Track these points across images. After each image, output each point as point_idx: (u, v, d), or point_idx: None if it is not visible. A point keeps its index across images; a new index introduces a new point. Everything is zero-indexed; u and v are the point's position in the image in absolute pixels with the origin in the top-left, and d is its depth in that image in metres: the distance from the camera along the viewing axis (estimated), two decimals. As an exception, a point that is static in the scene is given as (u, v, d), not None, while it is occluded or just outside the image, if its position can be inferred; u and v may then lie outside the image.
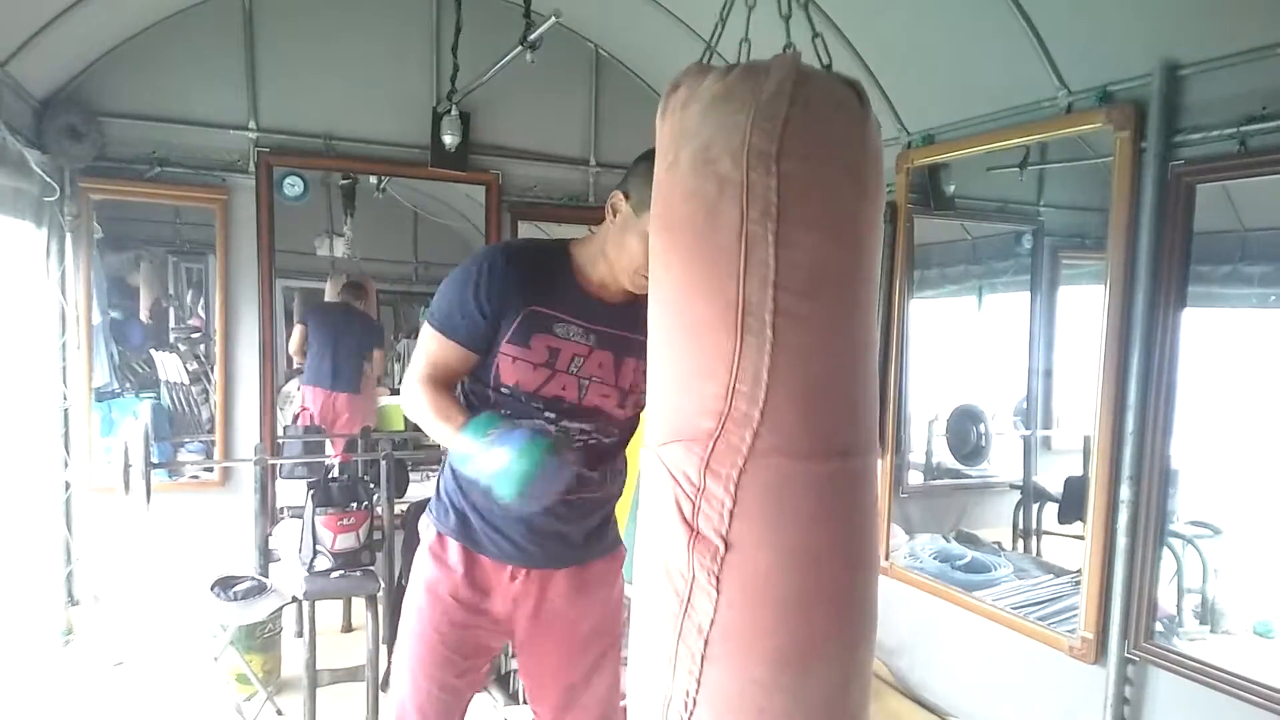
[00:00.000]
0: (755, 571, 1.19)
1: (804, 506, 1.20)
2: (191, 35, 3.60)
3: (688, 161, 1.21)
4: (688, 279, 1.22)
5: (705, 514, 1.19)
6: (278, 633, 3.18)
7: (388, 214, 4.43)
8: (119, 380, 3.93)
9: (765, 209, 1.15)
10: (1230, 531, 2.91)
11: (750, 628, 1.20)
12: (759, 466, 1.18)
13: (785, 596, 1.20)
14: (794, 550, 1.20)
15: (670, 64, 4.08)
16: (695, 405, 1.20)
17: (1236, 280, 2.83)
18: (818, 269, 1.19)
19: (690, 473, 1.20)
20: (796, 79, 1.18)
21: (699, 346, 1.21)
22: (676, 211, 1.24)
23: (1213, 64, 2.16)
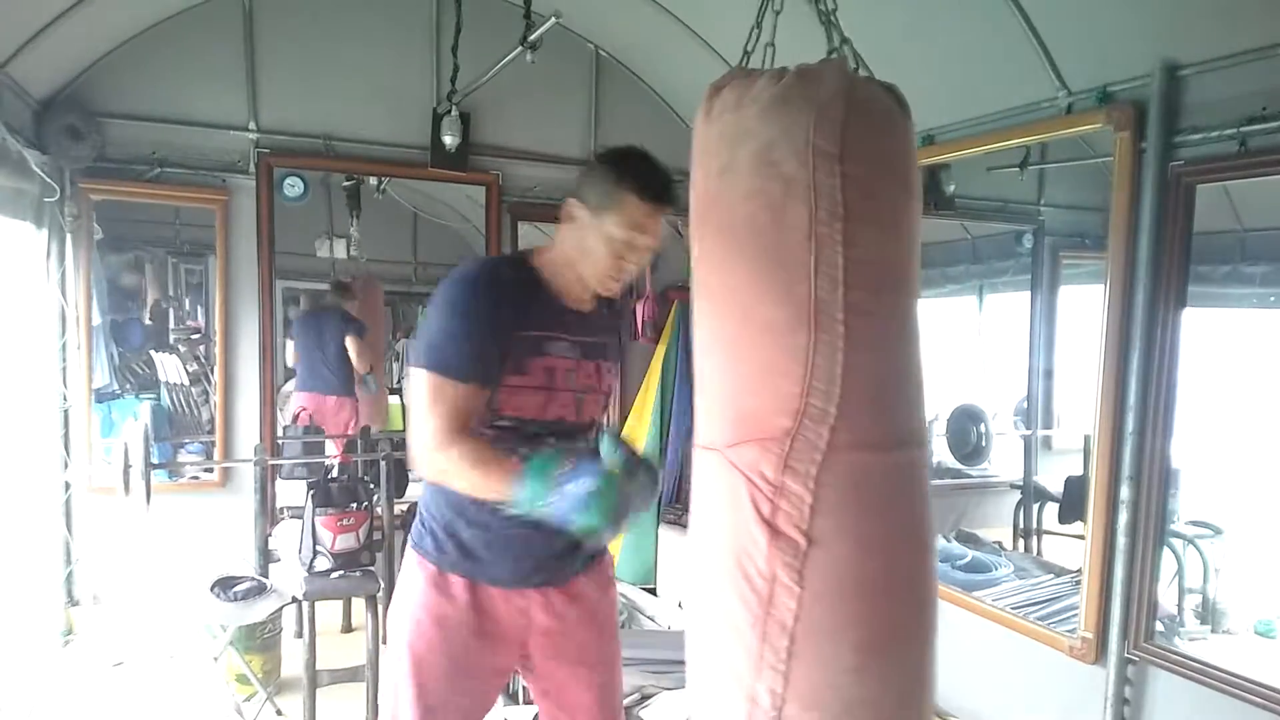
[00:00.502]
0: (838, 564, 1.21)
1: (878, 497, 1.24)
2: (191, 35, 3.60)
3: (747, 162, 1.22)
4: (753, 280, 1.23)
5: (785, 512, 1.21)
6: (278, 633, 3.18)
7: (388, 215, 4.43)
8: (119, 381, 3.93)
9: (833, 209, 1.19)
10: (1231, 531, 2.91)
11: (836, 620, 1.22)
12: (836, 461, 1.20)
13: (868, 586, 1.23)
14: (872, 540, 1.23)
15: (670, 64, 4.11)
16: (769, 405, 1.22)
17: (1236, 280, 2.83)
18: (879, 266, 1.23)
19: (767, 472, 1.21)
20: (851, 83, 1.23)
21: (770, 346, 1.22)
22: (737, 212, 1.24)
23: (1213, 64, 2.16)
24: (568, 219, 1.58)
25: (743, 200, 1.23)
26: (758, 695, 1.23)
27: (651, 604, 3.74)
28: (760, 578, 1.22)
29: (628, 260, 1.57)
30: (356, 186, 4.26)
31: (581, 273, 1.59)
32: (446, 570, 1.64)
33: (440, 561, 1.64)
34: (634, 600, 3.77)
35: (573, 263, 1.59)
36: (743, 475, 1.23)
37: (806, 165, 1.18)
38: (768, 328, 1.23)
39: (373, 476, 3.33)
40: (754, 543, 1.22)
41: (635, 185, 1.52)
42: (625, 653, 3.00)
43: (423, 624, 1.64)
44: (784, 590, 1.21)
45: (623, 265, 1.57)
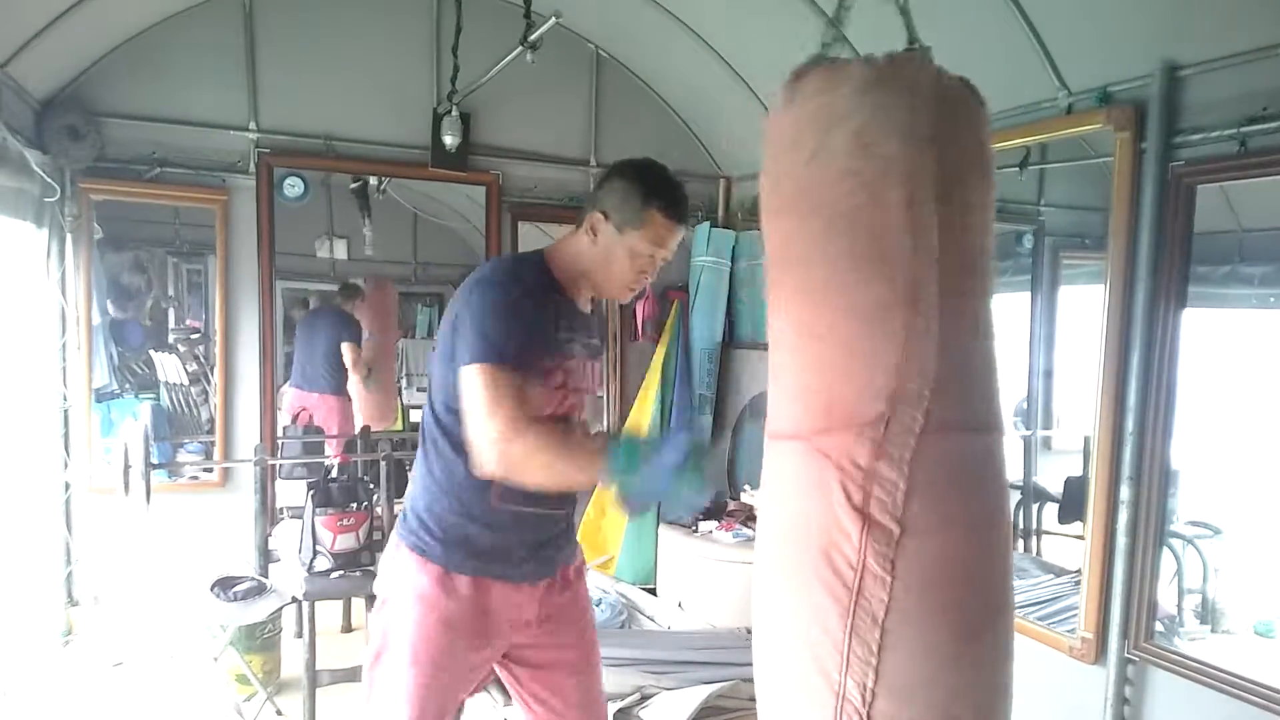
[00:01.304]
0: (930, 551, 1.19)
1: (968, 482, 1.24)
2: (191, 35, 3.61)
3: (842, 144, 1.20)
4: (848, 263, 1.20)
5: (878, 499, 1.18)
6: (277, 633, 3.18)
7: (388, 215, 4.43)
8: (119, 381, 3.93)
9: (929, 191, 1.18)
10: (1230, 531, 2.91)
11: (928, 608, 1.20)
12: (929, 445, 1.18)
13: (959, 572, 1.22)
14: (962, 525, 1.23)
15: (670, 64, 4.11)
16: (860, 389, 1.19)
17: (1235, 281, 2.83)
18: (967, 250, 1.23)
19: (859, 459, 1.18)
20: (939, 72, 1.25)
21: (862, 329, 1.20)
22: (829, 196, 1.21)
23: (1213, 64, 2.16)
24: (590, 231, 1.63)
25: (836, 182, 1.20)
26: (847, 690, 1.20)
27: (651, 604, 3.74)
28: (850, 568, 1.19)
29: (648, 272, 1.65)
30: (364, 187, 4.26)
31: (600, 281, 1.65)
32: (453, 570, 1.64)
33: (447, 562, 1.64)
34: (634, 600, 3.77)
35: (591, 271, 1.64)
36: (831, 463, 1.20)
37: (906, 146, 1.18)
38: (860, 311, 1.20)
39: (372, 476, 3.33)
40: (843, 532, 1.19)
41: (662, 204, 1.58)
42: (625, 653, 3.02)
43: (427, 625, 1.63)
44: (874, 580, 1.18)
45: (643, 278, 1.65)
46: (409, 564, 1.67)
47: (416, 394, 4.81)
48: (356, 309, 4.48)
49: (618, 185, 1.61)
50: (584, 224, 1.64)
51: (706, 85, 3.94)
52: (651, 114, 4.27)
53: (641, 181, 1.60)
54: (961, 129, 1.25)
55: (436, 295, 4.91)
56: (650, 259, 1.62)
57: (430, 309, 4.91)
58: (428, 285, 4.89)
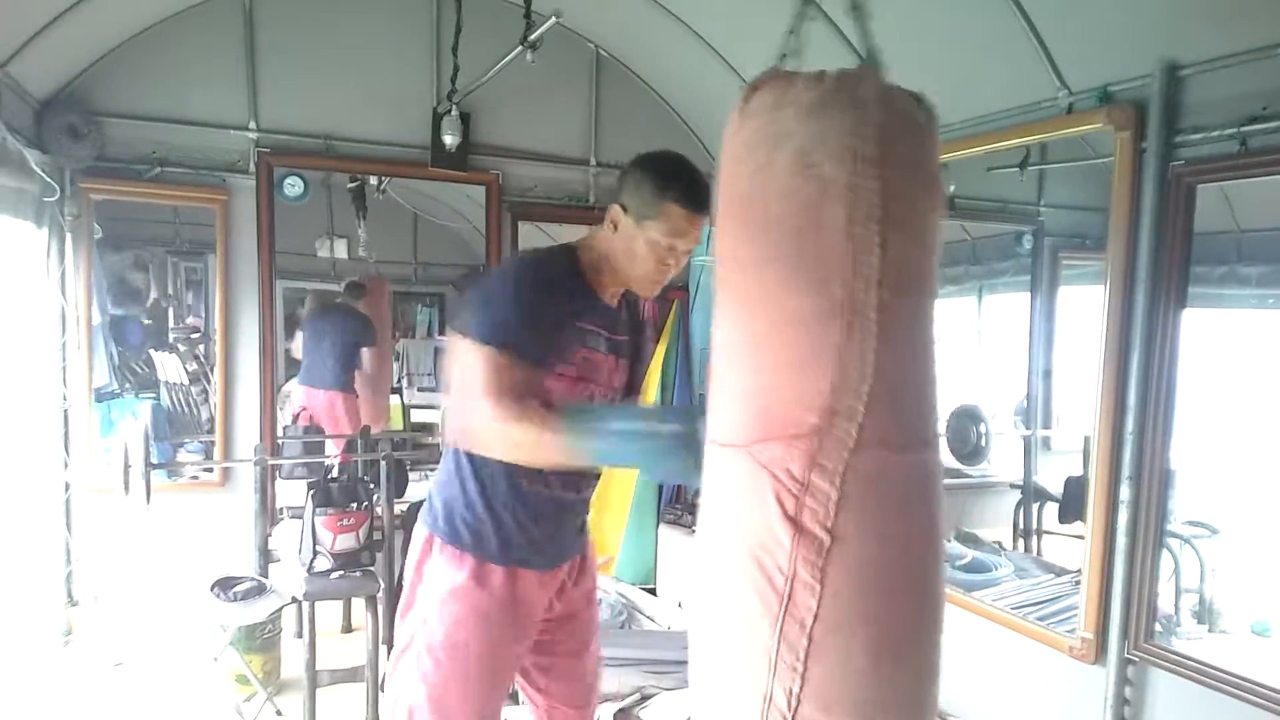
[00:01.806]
0: (858, 562, 1.21)
1: (899, 496, 1.25)
2: (191, 35, 3.60)
3: (785, 163, 1.22)
4: (786, 276, 1.23)
5: (810, 509, 1.20)
6: (277, 633, 3.18)
7: (388, 215, 4.43)
8: (118, 381, 3.93)
9: (870, 211, 1.20)
10: (1227, 531, 2.91)
11: (853, 618, 1.22)
12: (862, 459, 1.20)
13: (885, 585, 1.24)
14: (891, 539, 1.24)
15: (670, 64, 4.11)
16: (797, 401, 1.21)
17: (1234, 281, 2.83)
18: (908, 269, 1.25)
19: (794, 469, 1.20)
20: (887, 90, 1.26)
21: (801, 343, 1.22)
22: (771, 211, 1.24)
23: (1213, 64, 2.16)
24: (610, 225, 1.62)
25: (778, 199, 1.23)
26: (773, 695, 1.23)
27: (651, 604, 3.74)
28: (780, 575, 1.21)
29: (671, 265, 1.63)
30: (361, 187, 4.26)
31: (625, 275, 1.65)
32: (487, 561, 1.65)
33: (481, 553, 1.65)
34: (634, 600, 3.77)
35: (616, 265, 1.64)
36: (767, 472, 1.22)
37: (845, 167, 1.20)
38: (799, 324, 1.23)
39: (373, 476, 3.33)
40: (776, 540, 1.21)
41: (678, 194, 1.57)
42: (625, 653, 3.02)
43: (462, 616, 1.64)
44: (804, 588, 1.21)
45: (666, 270, 1.63)
46: (442, 557, 1.67)
47: (417, 394, 4.81)
48: (361, 308, 4.50)
49: (635, 177, 1.61)
50: (606, 217, 1.64)
51: (707, 85, 3.94)
52: (651, 114, 4.27)
53: (658, 172, 1.60)
54: (908, 147, 1.26)
55: (436, 295, 4.92)
56: (670, 250, 1.60)
57: (430, 309, 4.92)
58: (428, 285, 4.90)
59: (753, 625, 1.24)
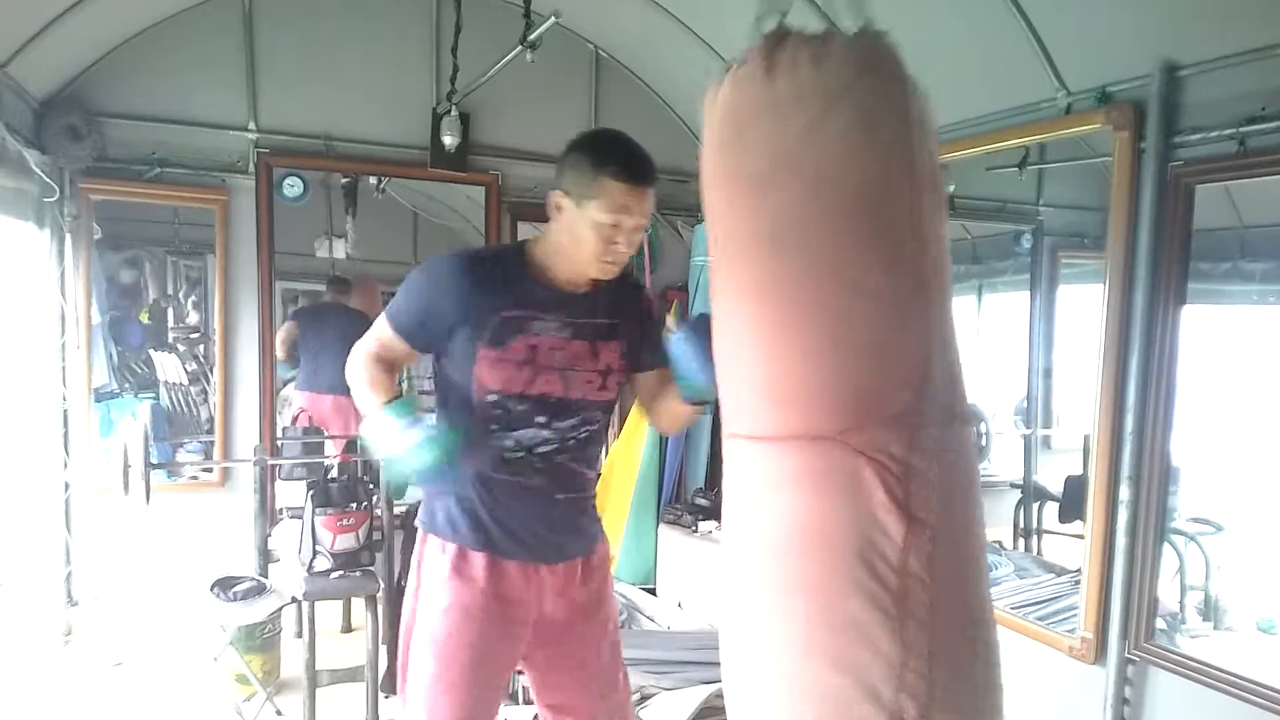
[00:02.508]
0: (953, 547, 1.14)
1: (969, 471, 1.21)
2: (191, 35, 3.60)
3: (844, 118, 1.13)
4: (861, 245, 1.13)
5: (917, 495, 1.10)
6: (277, 633, 3.18)
7: (387, 215, 4.42)
8: (118, 381, 3.93)
9: (932, 180, 1.17)
10: (1232, 528, 2.91)
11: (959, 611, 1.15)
12: (948, 436, 1.14)
13: (973, 570, 1.19)
14: (970, 517, 1.20)
15: (670, 64, 4.11)
16: (885, 379, 1.13)
17: (1236, 277, 2.83)
18: (947, 243, 1.22)
19: (895, 451, 1.10)
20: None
21: (885, 317, 1.13)
22: (832, 174, 1.13)
23: (1212, 64, 2.16)
24: (554, 211, 1.63)
25: (842, 157, 1.14)
26: (903, 709, 1.09)
27: (651, 604, 3.74)
28: (892, 571, 1.09)
29: (619, 243, 1.60)
30: (354, 185, 4.25)
31: (575, 259, 1.64)
32: (465, 547, 1.67)
33: (457, 537, 1.67)
34: (634, 600, 3.77)
35: (565, 251, 1.64)
36: (865, 458, 1.10)
37: (908, 136, 1.16)
38: (880, 298, 1.12)
39: (372, 477, 3.33)
40: (883, 532, 1.09)
41: (614, 169, 1.55)
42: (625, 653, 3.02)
43: (445, 607, 1.66)
44: (917, 584, 1.09)
45: (614, 248, 1.61)
46: (428, 550, 1.71)
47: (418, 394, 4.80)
48: (355, 303, 4.46)
49: (572, 159, 1.60)
50: (548, 204, 1.65)
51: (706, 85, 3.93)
52: (651, 114, 4.27)
53: (593, 151, 1.59)
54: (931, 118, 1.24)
55: (436, 295, 4.90)
56: (615, 228, 1.57)
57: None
58: (428, 285, 4.89)
59: (865, 633, 1.10)
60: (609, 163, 1.56)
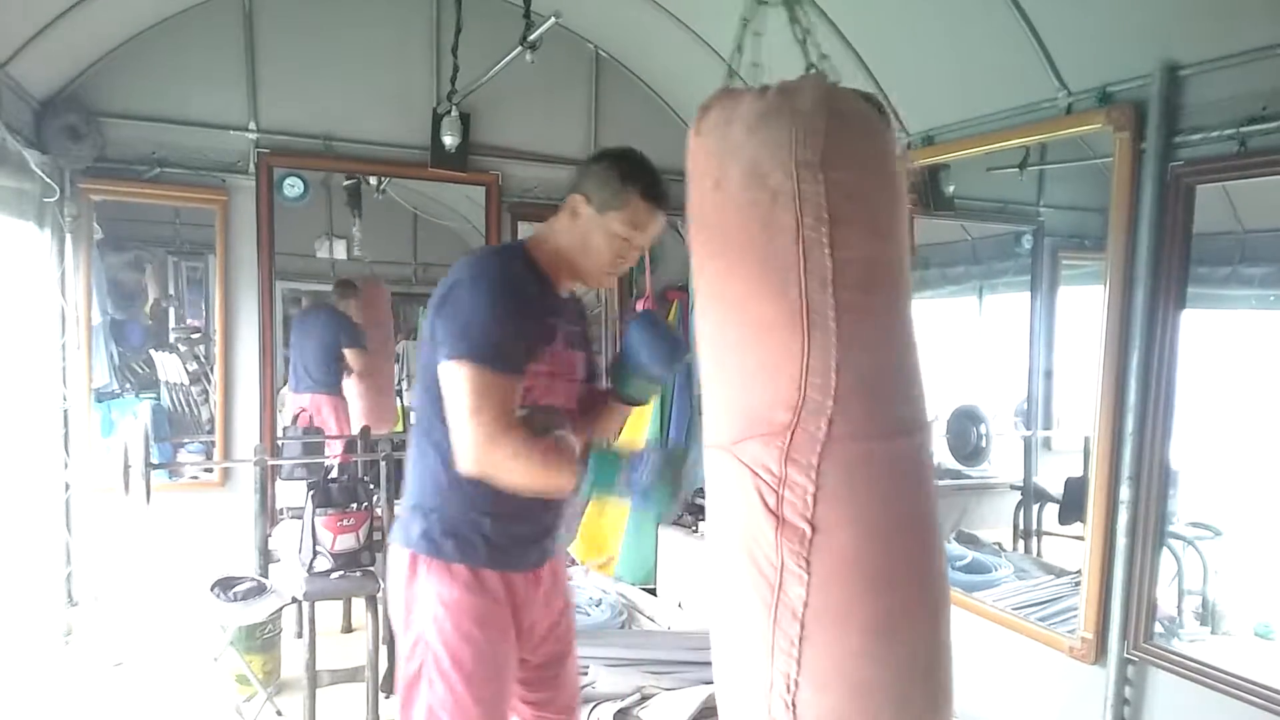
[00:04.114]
0: (842, 550, 1.28)
1: (879, 484, 1.32)
2: (191, 36, 3.61)
3: (738, 176, 1.31)
4: (749, 285, 1.32)
5: (789, 502, 1.28)
6: (278, 633, 3.18)
7: (388, 215, 4.43)
8: (119, 381, 3.93)
9: (818, 214, 1.27)
10: (1230, 533, 2.91)
11: (842, 605, 1.29)
12: (835, 451, 1.28)
13: (871, 571, 1.30)
14: (875, 526, 1.31)
15: (670, 64, 4.11)
16: (768, 400, 1.30)
17: (1236, 281, 2.83)
18: (868, 265, 1.32)
19: (770, 464, 1.29)
20: (829, 95, 1.32)
21: (766, 346, 1.31)
22: (730, 223, 1.34)
23: (1213, 64, 2.16)
24: (571, 214, 1.62)
25: (735, 212, 1.32)
26: (774, 679, 1.30)
27: (651, 604, 3.74)
28: (770, 566, 1.29)
29: (626, 258, 1.64)
30: (357, 186, 4.26)
31: (580, 266, 1.64)
32: (479, 567, 1.60)
33: (471, 560, 1.59)
34: (634, 600, 3.77)
35: (571, 256, 1.63)
36: (749, 469, 1.30)
37: (791, 176, 1.28)
38: (764, 328, 1.31)
39: (373, 477, 3.33)
40: (763, 533, 1.29)
41: (640, 186, 1.58)
42: (625, 653, 3.02)
43: (464, 629, 1.58)
44: (792, 577, 1.28)
45: (621, 262, 1.64)
46: (429, 575, 1.60)
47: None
48: (350, 308, 4.46)
49: (598, 169, 1.62)
50: (565, 207, 1.64)
51: (706, 85, 3.93)
52: (651, 114, 4.27)
53: (622, 165, 1.61)
54: (858, 149, 1.32)
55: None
56: (628, 243, 1.61)
57: (431, 310, 4.91)
58: (428, 286, 4.86)
59: (752, 615, 1.32)
60: (638, 179, 1.59)
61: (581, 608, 3.49)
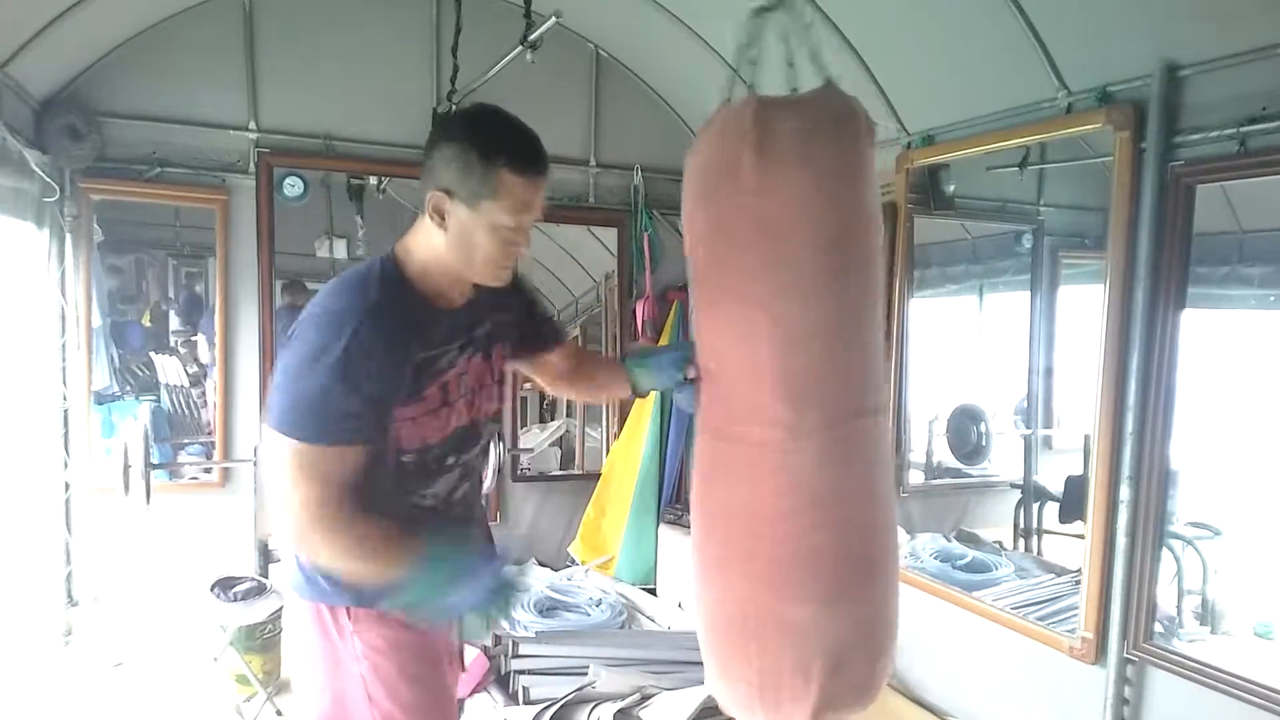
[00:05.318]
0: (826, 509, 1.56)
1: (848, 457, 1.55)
2: (191, 35, 3.60)
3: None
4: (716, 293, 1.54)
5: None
6: (278, 633, 3.17)
7: (388, 215, 4.42)
8: (119, 383, 3.93)
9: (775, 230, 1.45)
10: (1230, 532, 2.91)
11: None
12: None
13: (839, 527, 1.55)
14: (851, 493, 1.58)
15: (670, 64, 4.11)
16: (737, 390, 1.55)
17: (1235, 281, 2.83)
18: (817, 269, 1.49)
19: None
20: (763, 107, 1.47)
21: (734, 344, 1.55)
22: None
23: (1213, 64, 2.16)
24: (435, 216, 1.35)
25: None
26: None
27: (651, 604, 3.74)
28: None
29: (519, 244, 1.38)
30: (360, 188, 4.25)
31: (465, 270, 1.39)
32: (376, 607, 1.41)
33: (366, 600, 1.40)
34: (634, 600, 3.77)
35: (450, 264, 1.38)
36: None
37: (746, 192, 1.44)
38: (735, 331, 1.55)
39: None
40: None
41: (508, 158, 1.30)
42: (625, 653, 3.02)
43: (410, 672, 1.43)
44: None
45: (513, 251, 1.38)
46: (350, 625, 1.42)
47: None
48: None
49: (452, 151, 1.31)
50: (425, 210, 1.35)
51: (706, 85, 3.93)
52: (651, 114, 4.26)
53: (477, 138, 1.31)
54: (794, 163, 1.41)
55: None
56: (516, 228, 1.34)
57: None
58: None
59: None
60: (501, 151, 1.29)
61: (581, 608, 3.49)
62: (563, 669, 2.88)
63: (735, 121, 1.42)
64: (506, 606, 1.33)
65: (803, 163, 1.41)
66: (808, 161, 1.41)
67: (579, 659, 2.90)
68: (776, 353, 1.43)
